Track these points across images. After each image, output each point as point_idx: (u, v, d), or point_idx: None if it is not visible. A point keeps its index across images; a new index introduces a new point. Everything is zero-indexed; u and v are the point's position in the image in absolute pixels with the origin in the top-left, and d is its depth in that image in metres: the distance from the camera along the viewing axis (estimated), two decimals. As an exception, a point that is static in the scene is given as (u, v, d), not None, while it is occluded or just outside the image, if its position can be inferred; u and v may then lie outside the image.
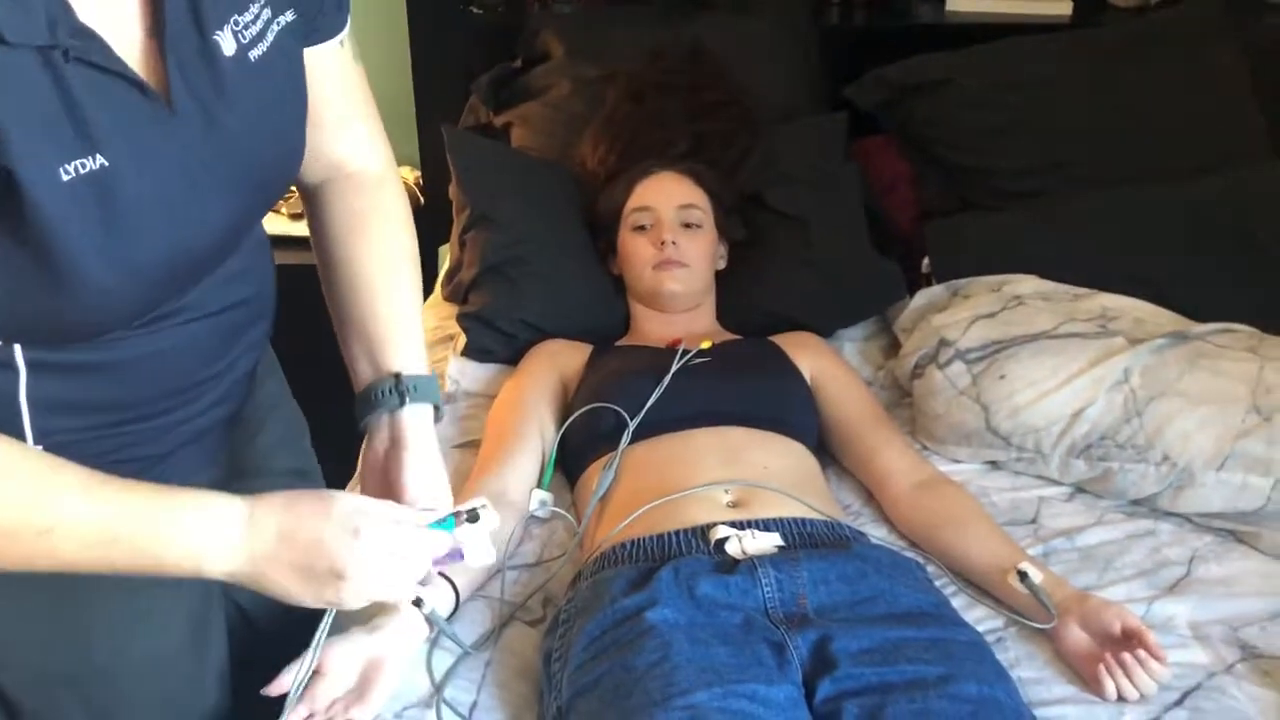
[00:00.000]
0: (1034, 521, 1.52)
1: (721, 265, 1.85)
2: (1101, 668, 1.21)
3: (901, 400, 1.77)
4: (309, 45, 0.97)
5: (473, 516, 0.96)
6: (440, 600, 1.27)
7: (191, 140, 0.84)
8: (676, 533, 1.32)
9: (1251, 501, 1.44)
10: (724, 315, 1.83)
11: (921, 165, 2.11)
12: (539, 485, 1.51)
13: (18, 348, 0.85)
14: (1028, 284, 1.76)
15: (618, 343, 1.78)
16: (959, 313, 1.71)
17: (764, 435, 1.50)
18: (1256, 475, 1.44)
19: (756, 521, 1.33)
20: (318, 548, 0.87)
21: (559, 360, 1.69)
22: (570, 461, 1.56)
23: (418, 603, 1.21)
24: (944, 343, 1.67)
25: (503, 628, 1.33)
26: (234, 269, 1.01)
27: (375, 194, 1.09)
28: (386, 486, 1.02)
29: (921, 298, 1.83)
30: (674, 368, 1.56)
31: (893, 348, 1.86)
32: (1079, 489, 1.58)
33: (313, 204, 1.10)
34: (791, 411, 1.57)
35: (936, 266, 1.90)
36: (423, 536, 0.94)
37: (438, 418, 1.08)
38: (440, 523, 0.96)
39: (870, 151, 2.14)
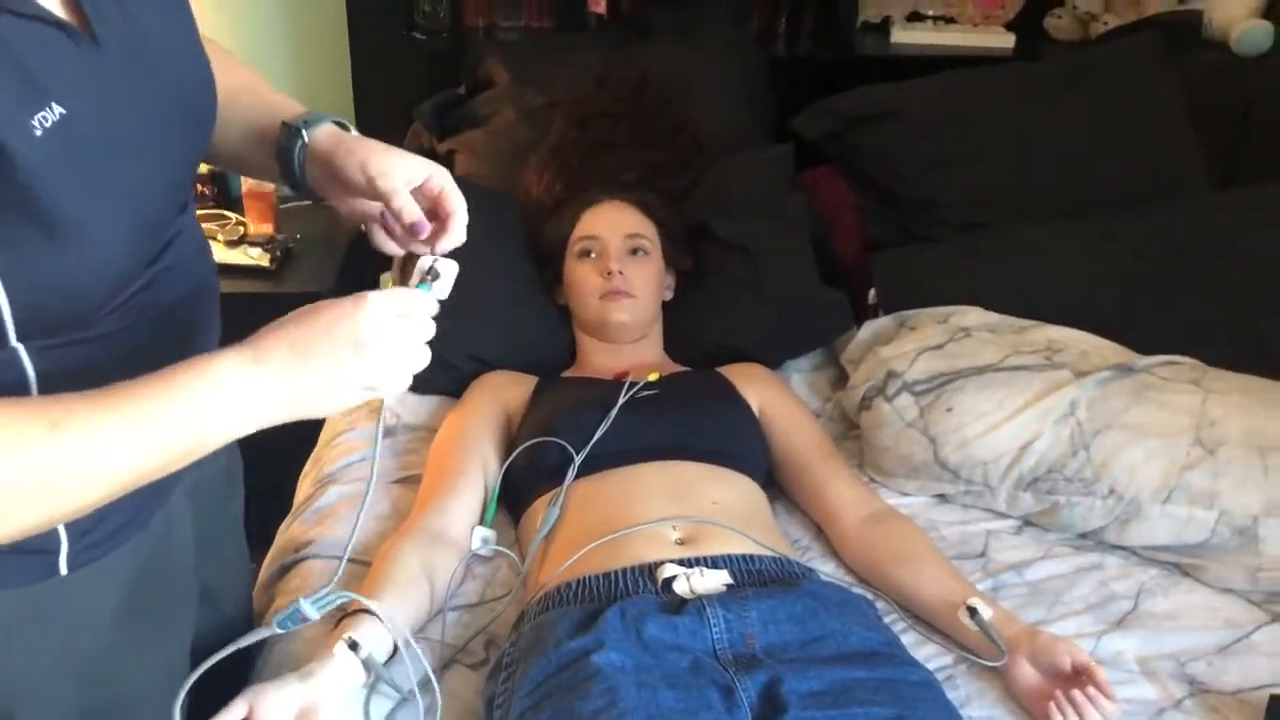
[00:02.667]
0: (983, 555, 1.52)
1: (669, 296, 1.83)
2: (1052, 705, 1.20)
3: (849, 432, 1.76)
4: None
5: (434, 274, 0.97)
6: (377, 644, 1.23)
7: (123, 74, 0.83)
8: (623, 571, 1.29)
9: (1197, 534, 1.45)
10: (671, 346, 1.81)
11: (867, 196, 2.11)
12: (481, 522, 1.48)
13: (22, 349, 0.82)
14: (973, 316, 1.76)
15: (564, 374, 1.75)
16: (906, 345, 1.70)
17: (712, 469, 1.48)
18: (1201, 508, 1.45)
19: (705, 559, 1.30)
20: (330, 334, 0.84)
21: (502, 393, 1.65)
22: (514, 498, 1.52)
23: (354, 646, 1.17)
24: (891, 375, 1.66)
25: (443, 671, 1.29)
26: (187, 251, 1.00)
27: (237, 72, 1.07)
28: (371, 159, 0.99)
29: (868, 329, 1.83)
30: (620, 400, 1.53)
31: (840, 379, 1.85)
32: (1027, 522, 1.57)
33: None
34: (740, 445, 1.55)
35: (883, 298, 1.90)
36: (414, 293, 0.93)
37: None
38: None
39: (816, 182, 2.14)
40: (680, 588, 1.25)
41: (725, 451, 1.51)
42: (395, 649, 1.26)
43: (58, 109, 0.75)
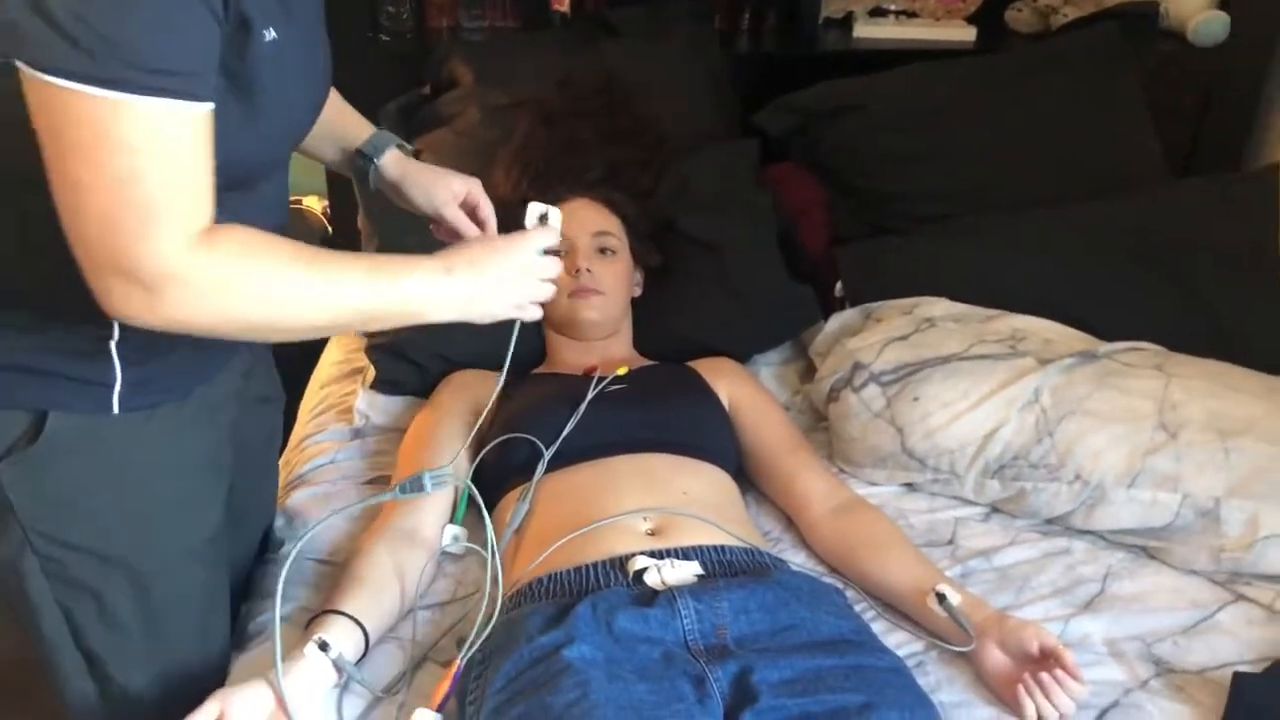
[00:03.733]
0: (951, 542, 1.53)
1: (637, 292, 1.83)
2: (1021, 689, 1.21)
3: (818, 424, 1.77)
4: None
5: (545, 219, 1.24)
6: (348, 644, 1.22)
7: (301, 27, 1.04)
8: (594, 565, 1.29)
9: (1161, 517, 1.46)
10: (640, 342, 1.82)
11: (832, 190, 2.12)
12: (452, 520, 1.48)
13: None
14: (939, 306, 1.77)
15: (533, 371, 1.75)
16: (872, 336, 1.72)
17: (682, 461, 1.48)
18: (1165, 491, 1.46)
19: (675, 550, 1.31)
20: (503, 260, 1.14)
21: (471, 391, 1.65)
22: (484, 494, 1.51)
23: (324, 647, 1.17)
24: (858, 366, 1.67)
25: (415, 670, 1.28)
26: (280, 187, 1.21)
27: None
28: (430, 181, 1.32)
29: (835, 321, 1.84)
30: (590, 395, 1.54)
31: (809, 372, 1.86)
32: (994, 509, 1.59)
33: None
34: (710, 437, 1.56)
35: (849, 290, 1.91)
36: (550, 232, 1.22)
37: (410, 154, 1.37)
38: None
39: (782, 177, 2.14)
40: (651, 579, 1.26)
41: (695, 443, 1.51)
42: (366, 649, 1.26)
43: (273, 33, 0.97)
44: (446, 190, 1.31)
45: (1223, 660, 1.31)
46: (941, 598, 1.30)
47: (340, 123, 1.35)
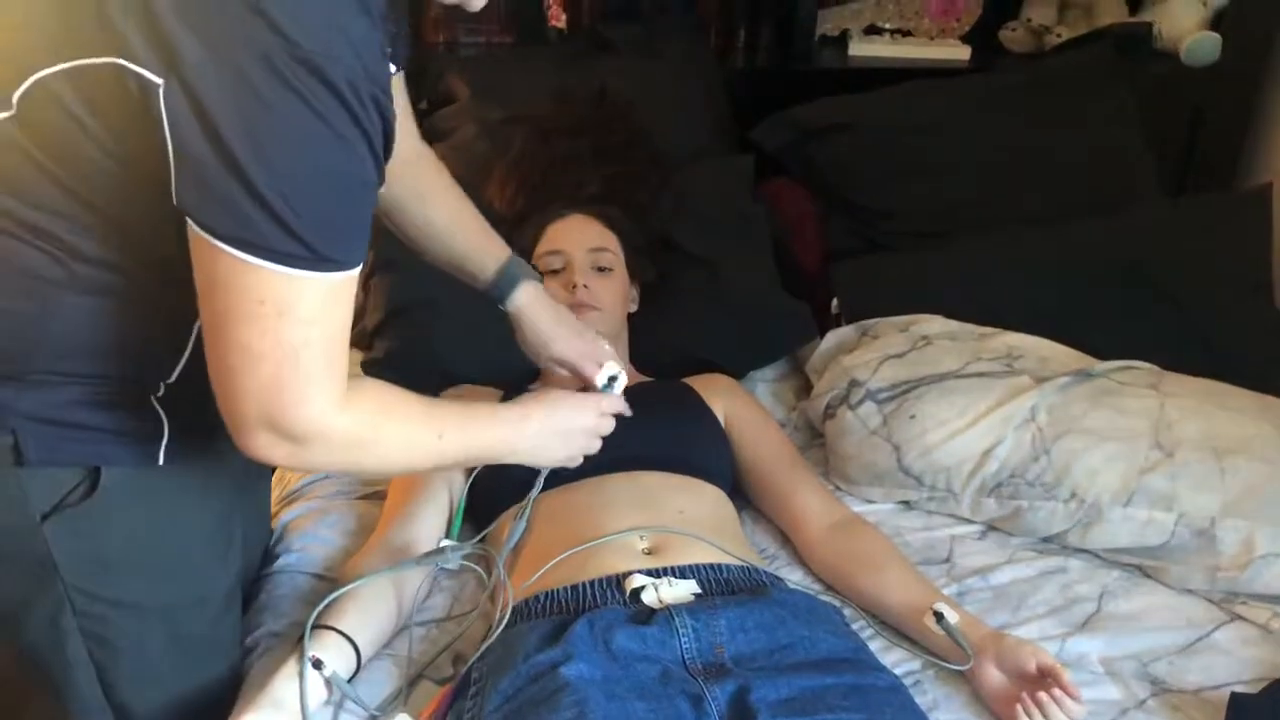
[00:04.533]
0: (948, 560, 1.53)
1: (633, 308, 1.83)
2: (1018, 708, 1.21)
3: (814, 441, 1.77)
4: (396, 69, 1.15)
5: (613, 380, 1.34)
6: (340, 661, 1.22)
7: None
8: (591, 583, 1.29)
9: (1157, 536, 1.47)
10: (636, 358, 1.81)
11: (827, 206, 2.12)
12: (447, 536, 1.47)
13: None
14: (935, 324, 1.77)
15: (529, 387, 1.75)
16: (868, 353, 1.72)
17: (679, 479, 1.48)
18: (1160, 510, 1.47)
19: (673, 568, 1.30)
20: (566, 424, 1.24)
21: (468, 407, 1.65)
22: (480, 511, 1.51)
23: (318, 665, 1.17)
24: (854, 383, 1.67)
25: (410, 688, 1.28)
26: None
27: (427, 157, 1.36)
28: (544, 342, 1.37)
29: (831, 338, 1.84)
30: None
31: (805, 389, 1.86)
32: (991, 527, 1.59)
33: (390, 191, 1.27)
34: (706, 454, 1.55)
35: (845, 307, 1.91)
36: (615, 401, 1.32)
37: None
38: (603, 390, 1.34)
39: (777, 193, 2.15)
40: (648, 598, 1.25)
41: (691, 461, 1.51)
42: (358, 666, 1.25)
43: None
44: (565, 349, 1.37)
45: (1219, 680, 1.31)
46: (939, 616, 1.30)
47: (468, 250, 1.37)
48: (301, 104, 0.83)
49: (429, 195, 1.33)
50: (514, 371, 1.77)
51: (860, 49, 2.46)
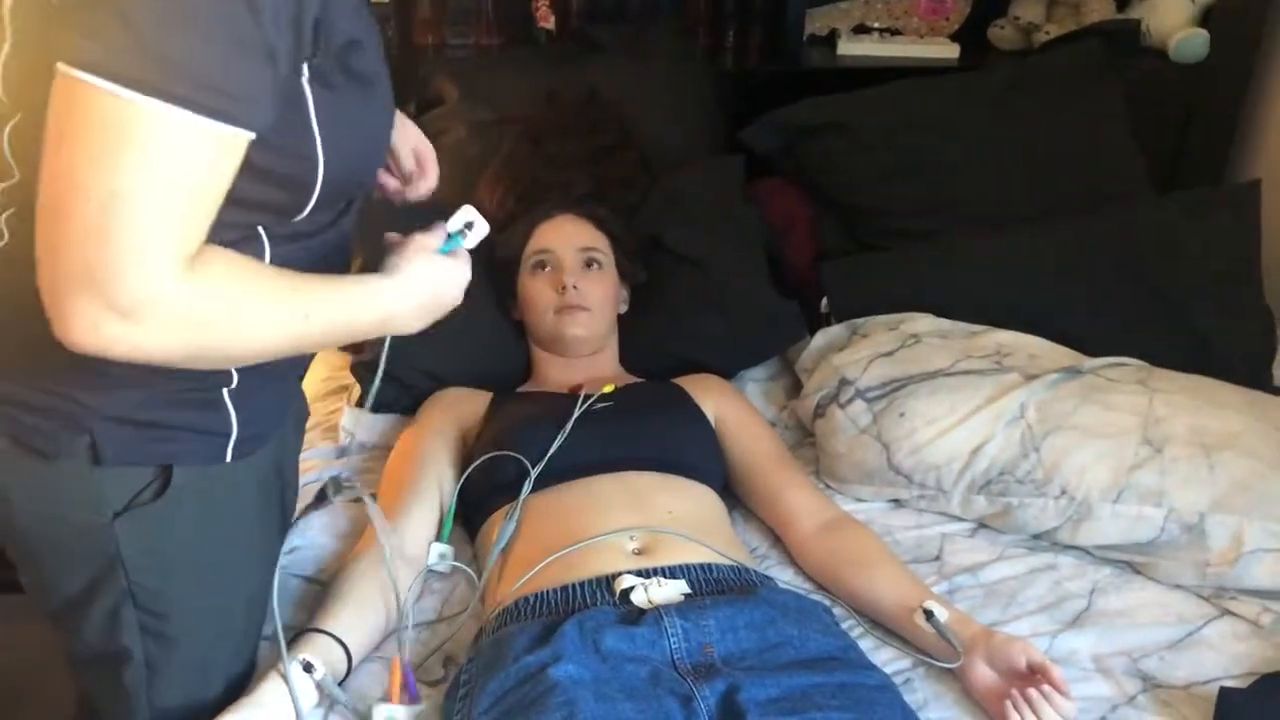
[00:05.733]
0: (938, 558, 1.53)
1: (623, 309, 1.83)
2: (1008, 705, 1.21)
3: (805, 440, 1.77)
4: None
5: (469, 226, 1.21)
6: (331, 665, 1.22)
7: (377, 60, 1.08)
8: (581, 584, 1.29)
9: (1147, 532, 1.47)
10: (626, 359, 1.82)
11: (817, 206, 2.13)
12: (438, 539, 1.47)
13: (262, 229, 1.02)
14: (924, 322, 1.78)
15: (519, 389, 1.75)
16: (858, 352, 1.72)
17: (668, 479, 1.48)
18: (1150, 506, 1.47)
19: (662, 569, 1.30)
20: (444, 286, 1.16)
21: (457, 409, 1.65)
22: (471, 513, 1.52)
23: (308, 668, 1.17)
24: (844, 382, 1.67)
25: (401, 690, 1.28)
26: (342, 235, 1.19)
27: None
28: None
29: (821, 338, 1.84)
30: (576, 413, 1.53)
31: (795, 388, 1.86)
32: (981, 525, 1.59)
33: None
34: (696, 454, 1.56)
35: (835, 306, 1.91)
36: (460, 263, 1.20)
37: None
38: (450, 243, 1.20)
39: (767, 193, 2.15)
40: (638, 598, 1.25)
41: (682, 461, 1.51)
42: (349, 669, 1.25)
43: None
44: (405, 137, 1.34)
45: (1209, 675, 1.32)
46: (929, 614, 1.30)
47: None
48: None
49: None
50: (503, 374, 1.78)
51: (849, 48, 2.46)
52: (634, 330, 1.84)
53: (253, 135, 0.87)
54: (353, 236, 1.20)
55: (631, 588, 1.26)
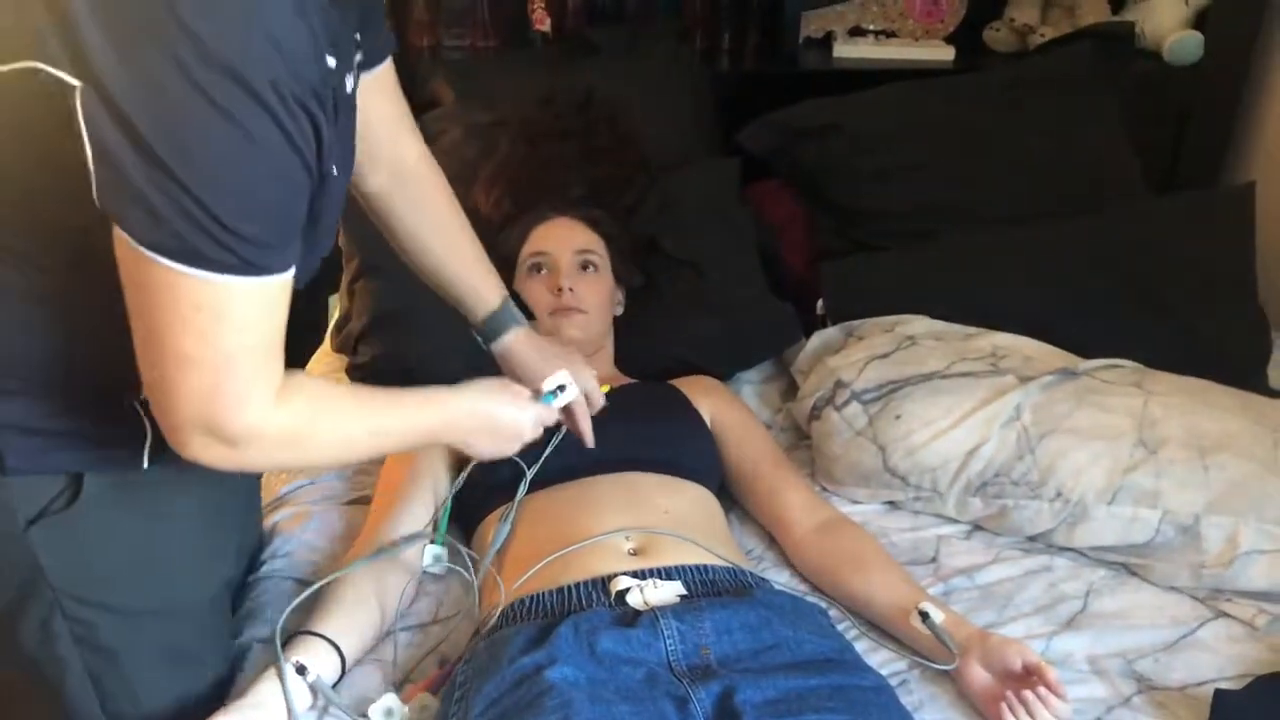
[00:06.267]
0: (934, 560, 1.53)
1: (619, 311, 1.83)
2: (1003, 707, 1.21)
3: (800, 442, 1.77)
4: (371, 69, 1.18)
5: (560, 389, 1.31)
6: (325, 667, 1.21)
7: (343, 153, 1.06)
8: (576, 585, 1.29)
9: (1142, 534, 1.47)
10: (622, 360, 1.82)
11: (813, 208, 2.13)
12: (432, 540, 1.47)
13: None
14: (920, 324, 1.78)
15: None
16: (854, 354, 1.72)
17: (664, 479, 1.48)
18: (1145, 508, 1.47)
19: (658, 570, 1.30)
20: (503, 424, 1.23)
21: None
22: (466, 514, 1.51)
23: (301, 670, 1.17)
24: (840, 384, 1.67)
25: (396, 692, 1.27)
26: None
27: (431, 178, 1.34)
28: (538, 361, 1.37)
29: (817, 339, 1.84)
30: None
31: (791, 390, 1.86)
32: (977, 526, 1.59)
33: (384, 202, 1.31)
34: (691, 455, 1.55)
35: (830, 308, 1.91)
36: (553, 411, 1.32)
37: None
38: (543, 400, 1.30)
39: (763, 195, 2.15)
40: (634, 600, 1.25)
41: (677, 461, 1.51)
42: (343, 671, 1.25)
43: (335, 169, 0.99)
44: (563, 360, 1.37)
45: (1204, 677, 1.32)
46: (925, 616, 1.30)
47: (462, 272, 1.37)
48: (214, 108, 0.80)
49: (426, 211, 1.33)
50: (492, 370, 1.78)
51: (845, 51, 2.46)
52: (630, 332, 1.83)
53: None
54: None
55: (627, 589, 1.26)
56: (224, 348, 0.90)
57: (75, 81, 0.80)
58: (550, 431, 1.49)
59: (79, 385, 1.04)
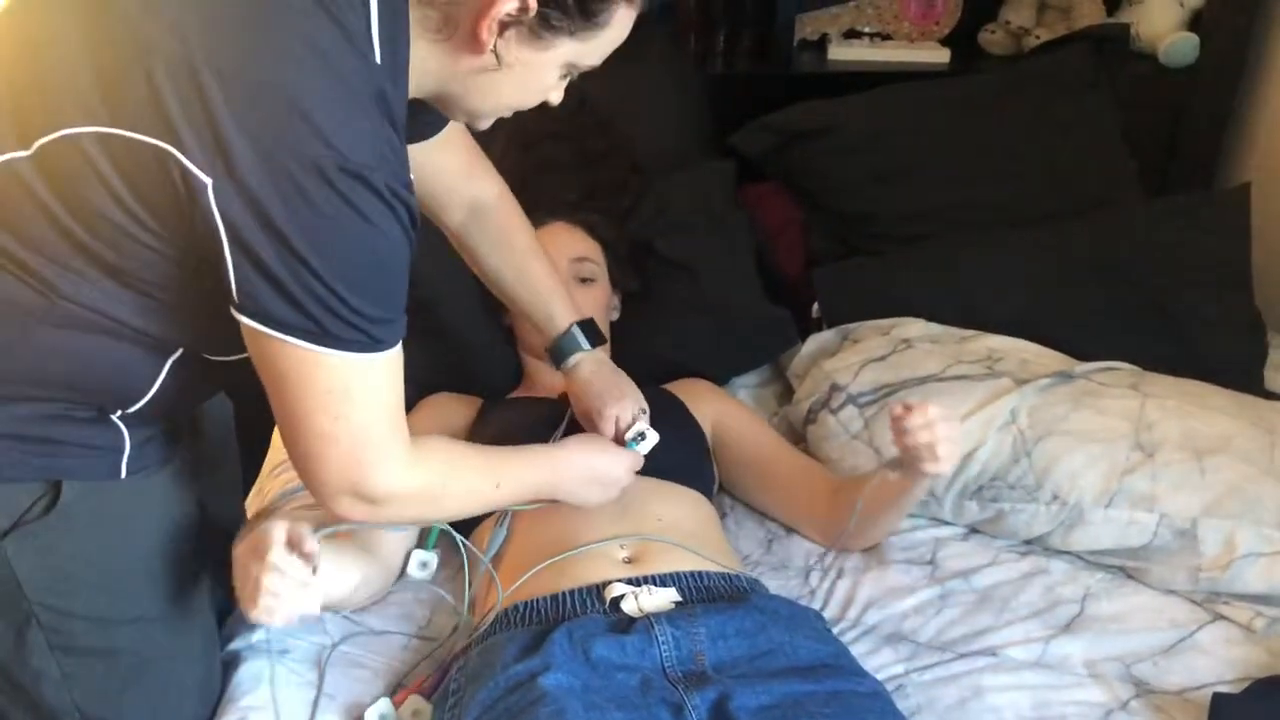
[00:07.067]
0: (931, 562, 1.52)
1: (614, 317, 1.82)
2: (917, 458, 1.29)
3: (796, 446, 1.76)
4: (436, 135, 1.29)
5: (642, 436, 1.41)
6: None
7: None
8: (571, 592, 1.28)
9: (1139, 537, 1.46)
10: (617, 365, 1.80)
11: (808, 211, 2.12)
12: (422, 545, 1.46)
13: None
14: (915, 327, 1.77)
15: (509, 396, 1.74)
16: (849, 357, 1.71)
17: (658, 485, 1.47)
18: (1142, 511, 1.46)
19: (653, 577, 1.30)
20: (597, 475, 1.34)
21: (445, 415, 1.64)
22: (460, 521, 1.50)
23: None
24: (836, 387, 1.67)
25: (391, 698, 1.27)
26: None
27: (505, 214, 1.44)
28: (595, 394, 1.44)
29: (812, 343, 1.84)
30: (566, 420, 1.52)
31: (786, 394, 1.86)
32: (973, 529, 1.58)
33: (463, 236, 1.43)
34: (686, 460, 1.55)
35: (826, 311, 1.91)
36: (639, 458, 1.40)
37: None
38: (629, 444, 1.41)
39: (758, 198, 2.15)
40: (628, 607, 1.25)
41: (671, 467, 1.50)
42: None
43: None
44: (615, 404, 1.43)
45: (1202, 680, 1.31)
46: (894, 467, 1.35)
47: (533, 299, 1.47)
48: (352, 210, 0.90)
49: (500, 243, 1.44)
50: (494, 380, 1.77)
51: (839, 53, 2.45)
52: (625, 337, 1.82)
53: None
54: None
55: (621, 596, 1.26)
56: (357, 422, 1.00)
57: (206, 178, 0.87)
58: (543, 439, 1.49)
59: (65, 402, 1.05)
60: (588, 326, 1.49)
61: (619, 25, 1.10)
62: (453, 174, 1.36)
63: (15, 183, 0.92)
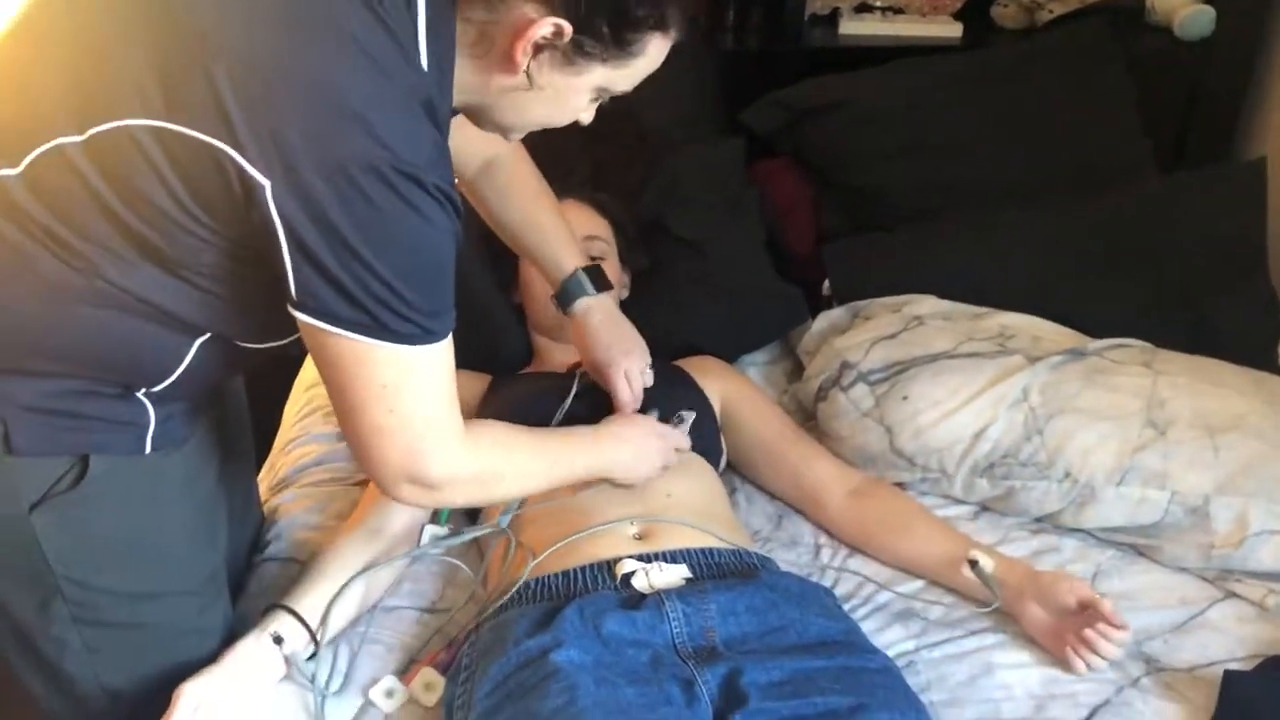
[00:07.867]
0: (941, 541, 1.52)
1: (624, 295, 1.82)
2: (1068, 651, 1.26)
3: (806, 424, 1.76)
4: None
5: (680, 419, 1.46)
6: (298, 641, 1.25)
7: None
8: (582, 568, 1.28)
9: (1150, 515, 1.46)
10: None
11: (819, 188, 2.11)
12: (435, 521, 1.46)
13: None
14: (927, 304, 1.76)
15: (520, 372, 1.74)
16: (860, 334, 1.71)
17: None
18: (1154, 488, 1.46)
19: (663, 554, 1.30)
20: (646, 451, 1.37)
21: (458, 392, 1.63)
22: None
23: (278, 641, 1.21)
24: (846, 365, 1.66)
25: (402, 674, 1.28)
26: None
27: (514, 164, 1.46)
28: (603, 346, 1.48)
29: (823, 320, 1.83)
30: (573, 390, 1.52)
31: (796, 371, 1.85)
32: (984, 508, 1.58)
33: (474, 187, 1.47)
34: (697, 436, 1.54)
35: (836, 288, 1.90)
36: (686, 438, 1.45)
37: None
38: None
39: (769, 175, 2.14)
40: (639, 583, 1.25)
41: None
42: (317, 648, 1.27)
43: None
44: (624, 357, 1.47)
45: (1213, 658, 1.31)
46: (974, 564, 1.34)
47: (539, 242, 1.50)
48: (408, 208, 0.93)
49: (509, 190, 1.47)
50: (503, 357, 1.77)
51: (851, 27, 2.44)
52: (635, 315, 1.81)
53: None
54: None
55: (632, 572, 1.26)
56: (413, 413, 1.03)
57: (265, 180, 0.89)
58: (552, 411, 1.49)
59: (93, 379, 1.06)
60: (593, 272, 1.49)
61: (653, 55, 1.09)
62: (477, 139, 1.35)
63: (64, 166, 0.92)
